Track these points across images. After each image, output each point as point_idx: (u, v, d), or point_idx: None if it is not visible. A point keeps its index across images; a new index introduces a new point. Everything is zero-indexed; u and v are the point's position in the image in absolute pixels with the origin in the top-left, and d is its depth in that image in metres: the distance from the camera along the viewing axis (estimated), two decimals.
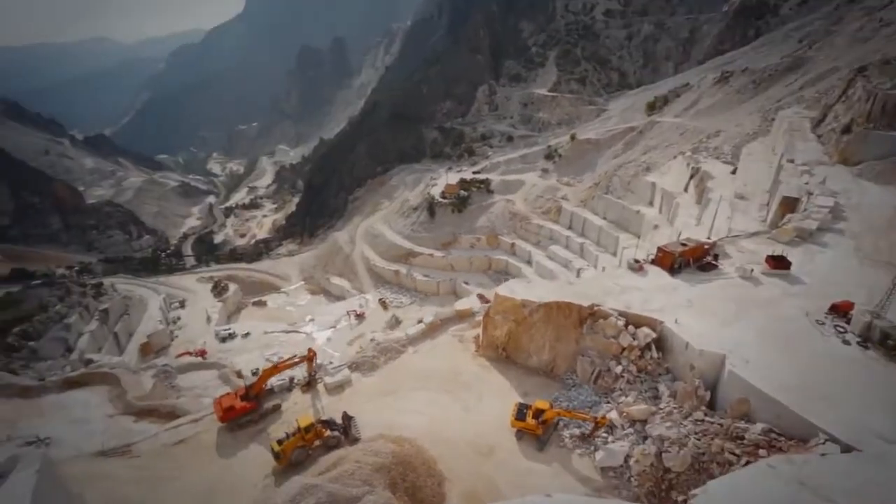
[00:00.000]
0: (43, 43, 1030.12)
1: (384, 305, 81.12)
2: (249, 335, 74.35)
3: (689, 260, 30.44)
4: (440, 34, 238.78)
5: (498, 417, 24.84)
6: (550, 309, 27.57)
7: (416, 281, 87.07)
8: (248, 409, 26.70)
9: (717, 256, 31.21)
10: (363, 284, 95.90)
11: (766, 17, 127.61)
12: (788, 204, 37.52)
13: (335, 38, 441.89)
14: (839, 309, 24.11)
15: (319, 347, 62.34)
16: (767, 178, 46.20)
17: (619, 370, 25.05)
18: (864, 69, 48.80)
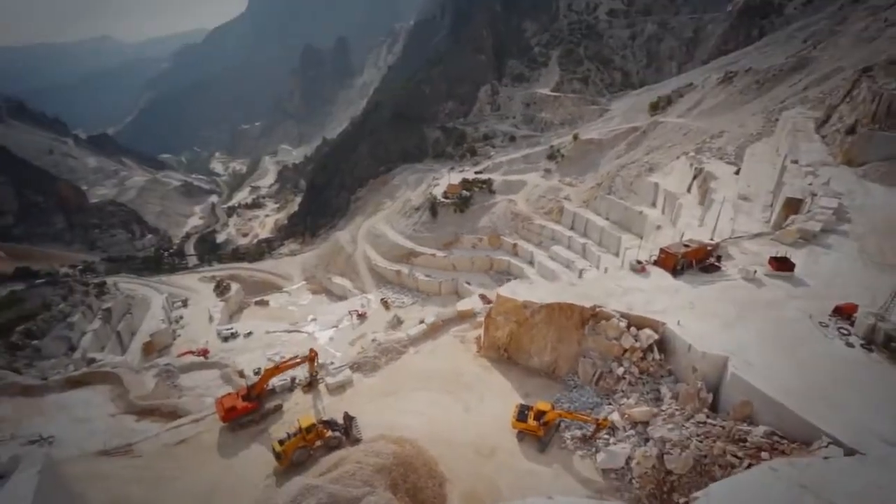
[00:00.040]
0: (46, 43, 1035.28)
1: (386, 305, 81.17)
2: (251, 335, 74.57)
3: (691, 261, 30.30)
4: (443, 34, 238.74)
5: (499, 418, 24.76)
6: (552, 310, 27.51)
7: (417, 281, 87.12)
8: (249, 409, 26.67)
9: (719, 258, 31.03)
10: (365, 284, 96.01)
11: (770, 16, 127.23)
12: (792, 205, 37.35)
13: (338, 37, 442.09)
14: (843, 311, 23.95)
15: (321, 347, 62.48)
16: (771, 179, 46.01)
17: (620, 372, 24.97)
18: (868, 69, 48.54)
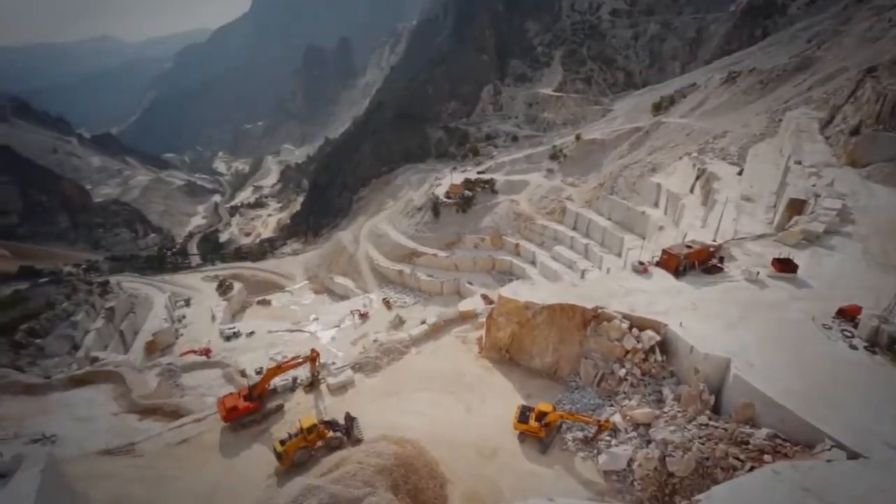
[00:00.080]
0: (50, 42, 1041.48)
1: (388, 305, 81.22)
2: (254, 334, 74.80)
3: (694, 262, 30.19)
4: (445, 34, 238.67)
5: (500, 419, 24.74)
6: (554, 311, 27.46)
7: (419, 281, 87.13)
8: (251, 409, 26.69)
9: (722, 259, 30.91)
10: (367, 284, 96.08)
11: (773, 16, 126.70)
12: (795, 206, 37.22)
13: (341, 37, 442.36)
14: (846, 313, 23.81)
15: (323, 347, 62.69)
16: (774, 179, 45.86)
17: (622, 373, 24.89)
18: (873, 70, 48.35)
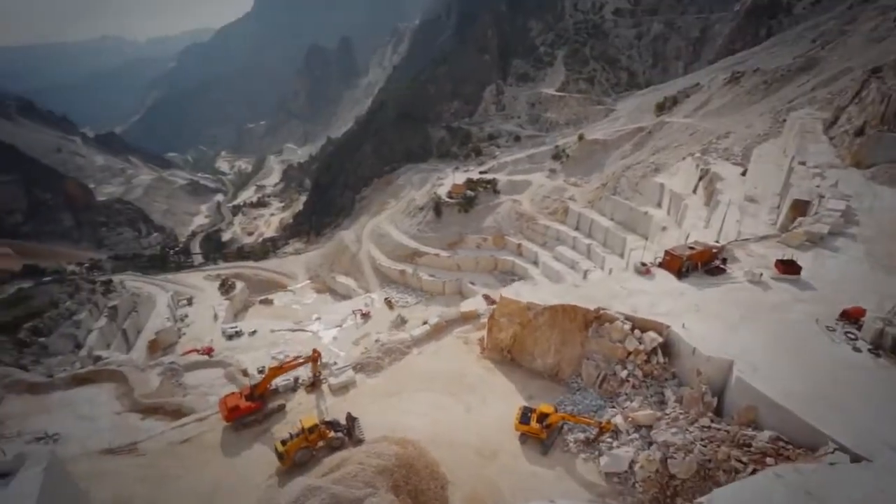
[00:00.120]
0: (54, 42, 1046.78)
1: (390, 305, 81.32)
2: (256, 333, 74.92)
3: (696, 264, 30.05)
4: (448, 34, 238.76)
5: (502, 420, 24.70)
6: (556, 312, 27.39)
7: (421, 281, 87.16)
8: (252, 408, 26.71)
9: (725, 260, 30.75)
10: (369, 284, 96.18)
11: (778, 16, 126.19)
12: (799, 207, 37.01)
13: (343, 37, 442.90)
14: (850, 315, 23.62)
15: (325, 346, 62.79)
16: (778, 180, 45.64)
17: (624, 374, 24.78)
18: (878, 70, 48.00)
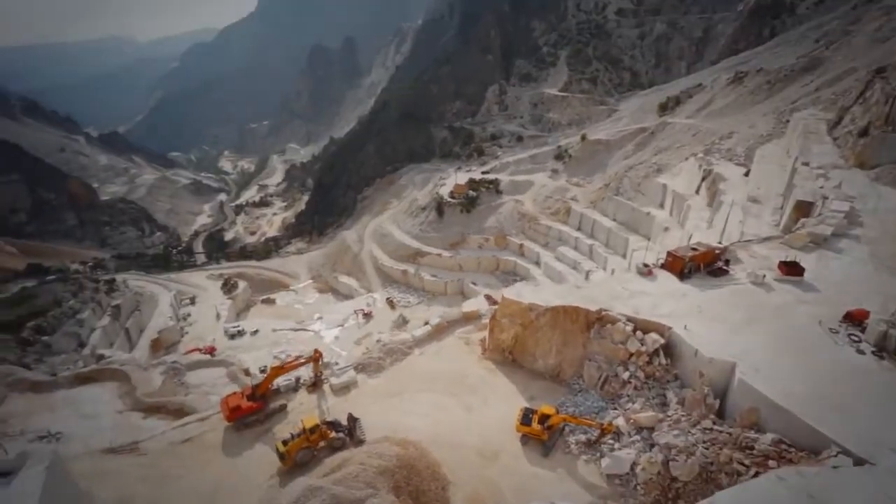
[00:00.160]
0: (58, 42, 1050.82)
1: (392, 305, 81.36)
2: (258, 332, 75.08)
3: (699, 265, 29.94)
4: (451, 34, 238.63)
5: (503, 421, 24.68)
6: (557, 313, 27.34)
7: (423, 281, 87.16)
8: (254, 408, 26.74)
9: (728, 261, 30.64)
10: (371, 283, 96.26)
11: (781, 16, 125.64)
12: (802, 208, 36.79)
13: (346, 37, 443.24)
14: (854, 317, 23.50)
15: (327, 346, 62.88)
16: (781, 181, 45.41)
17: (626, 376, 24.73)
18: (882, 70, 47.70)
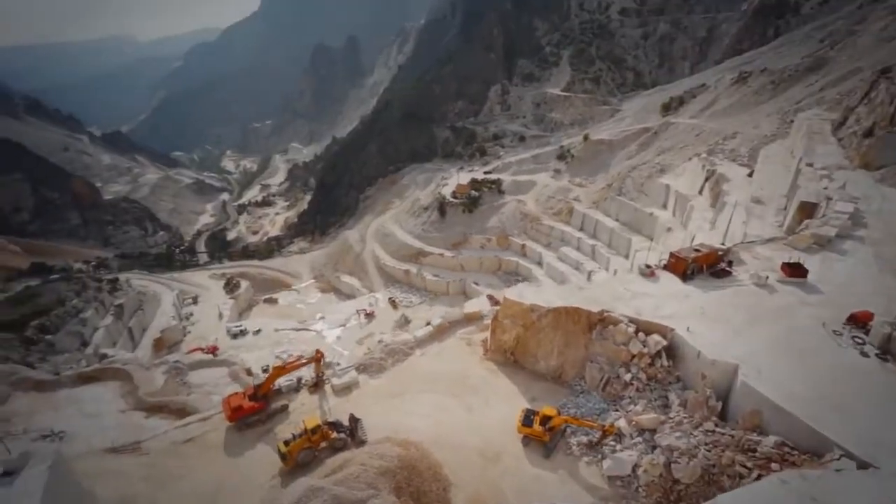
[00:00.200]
0: (61, 42, 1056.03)
1: (394, 305, 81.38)
2: (260, 332, 75.27)
3: (702, 266, 29.82)
4: (453, 34, 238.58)
5: (505, 422, 24.63)
6: (559, 314, 27.27)
7: (426, 281, 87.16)
8: (255, 408, 26.74)
9: (731, 263, 30.50)
10: (373, 283, 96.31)
11: (786, 16, 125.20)
12: (806, 209, 36.57)
13: (349, 37, 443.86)
14: (857, 319, 23.34)
15: (329, 346, 62.94)
16: (785, 181, 45.19)
17: (628, 378, 24.65)
18: (887, 70, 47.44)
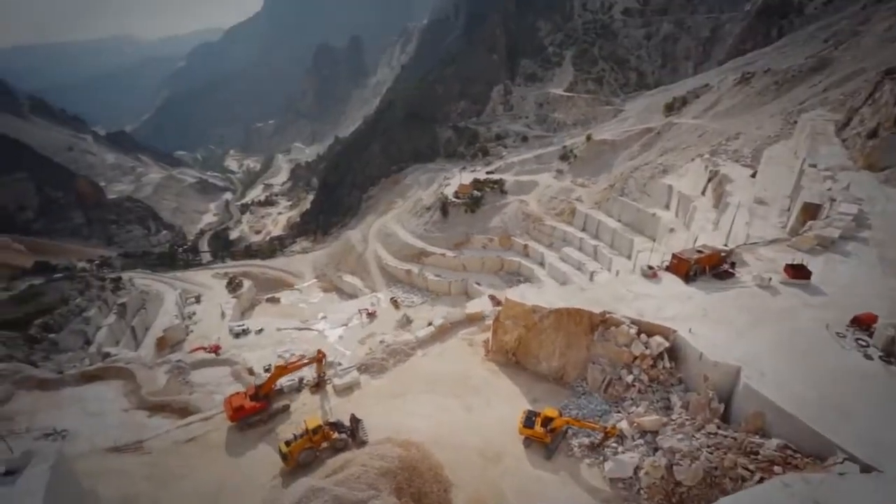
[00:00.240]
0: (66, 41, 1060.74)
1: (396, 304, 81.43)
2: (262, 331, 75.46)
3: (704, 267, 29.70)
4: (456, 34, 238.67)
5: (506, 424, 24.57)
6: (561, 315, 27.21)
7: (427, 281, 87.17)
8: (257, 408, 26.76)
9: (733, 264, 30.38)
10: (375, 283, 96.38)
11: (789, 16, 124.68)
12: (810, 210, 36.40)
13: (352, 37, 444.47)
14: (861, 321, 23.15)
15: (331, 345, 62.98)
16: (788, 182, 45.00)
17: (630, 379, 24.57)
18: (892, 71, 47.16)
